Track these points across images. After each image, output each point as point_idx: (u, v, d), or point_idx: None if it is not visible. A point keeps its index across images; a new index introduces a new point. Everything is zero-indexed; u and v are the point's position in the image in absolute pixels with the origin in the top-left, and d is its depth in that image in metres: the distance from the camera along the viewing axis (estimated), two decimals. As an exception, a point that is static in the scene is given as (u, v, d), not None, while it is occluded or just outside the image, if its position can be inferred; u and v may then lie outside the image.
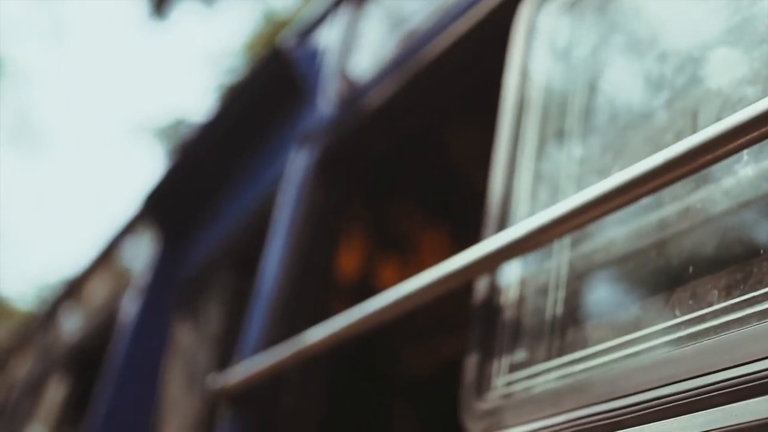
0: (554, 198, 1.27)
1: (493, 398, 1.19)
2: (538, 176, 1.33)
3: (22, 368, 5.19)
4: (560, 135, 1.32)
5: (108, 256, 4.11)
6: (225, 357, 2.59)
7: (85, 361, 3.86)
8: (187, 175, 2.93)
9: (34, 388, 4.40)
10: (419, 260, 3.12)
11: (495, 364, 1.22)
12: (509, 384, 1.18)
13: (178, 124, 13.47)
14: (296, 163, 2.18)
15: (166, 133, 13.98)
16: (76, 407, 3.83)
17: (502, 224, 1.33)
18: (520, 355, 1.19)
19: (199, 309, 2.91)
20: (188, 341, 2.94)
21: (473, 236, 1.40)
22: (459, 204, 3.04)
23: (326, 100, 2.19)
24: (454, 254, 1.32)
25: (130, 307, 3.23)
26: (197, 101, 14.51)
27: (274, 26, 13.38)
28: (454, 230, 2.86)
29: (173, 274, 3.16)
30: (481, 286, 1.31)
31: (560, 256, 1.20)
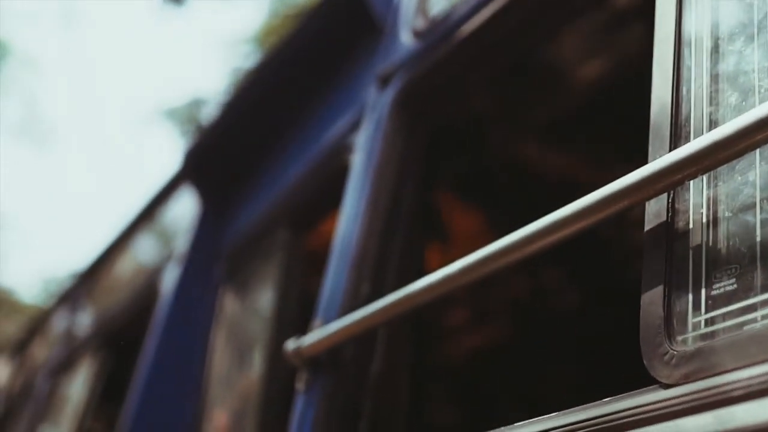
0: (749, 100, 1.04)
1: (691, 340, 0.96)
2: (718, 78, 1.10)
3: (42, 352, 4.99)
4: (746, 23, 1.09)
5: (133, 233, 3.89)
6: (283, 325, 2.38)
7: (117, 340, 3.64)
8: (235, 129, 2.70)
9: (59, 371, 4.19)
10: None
11: (689, 299, 0.99)
12: (713, 321, 0.95)
13: (193, 108, 13.28)
14: (374, 106, 1.95)
15: (180, 118, 13.79)
16: (109, 386, 3.63)
17: (676, 137, 1.11)
18: (726, 285, 0.96)
19: (251, 276, 2.68)
20: (238, 310, 2.72)
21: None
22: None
23: (406, 35, 1.96)
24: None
25: (169, 278, 3.01)
26: (213, 87, 14.32)
27: (291, 11, 13.20)
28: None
29: (216, 240, 2.94)
30: (654, 209, 1.08)
31: (769, 165, 0.97)
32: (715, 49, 1.13)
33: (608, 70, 2.90)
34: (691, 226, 1.04)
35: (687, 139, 1.10)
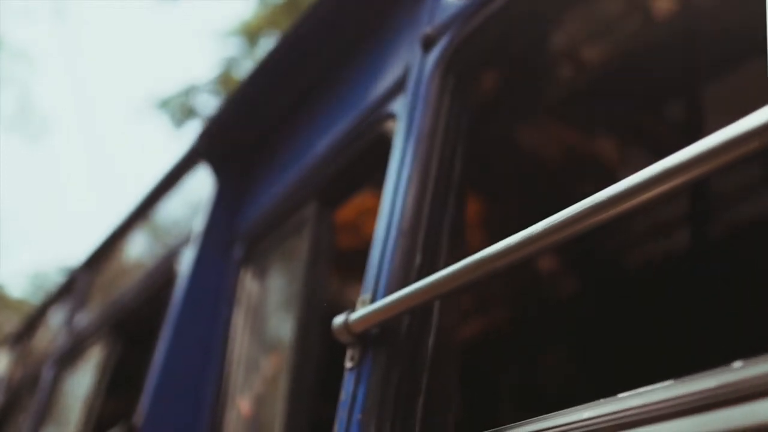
0: None
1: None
2: None
3: (44, 342, 4.88)
4: None
5: (143, 217, 3.77)
6: (312, 305, 2.27)
7: (128, 326, 3.52)
8: (256, 102, 2.57)
9: (66, 360, 4.07)
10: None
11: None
12: None
13: (185, 98, 13.16)
14: (418, 70, 1.84)
15: (173, 108, 13.65)
16: (119, 374, 3.52)
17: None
18: None
19: (274, 255, 2.57)
20: (261, 291, 2.61)
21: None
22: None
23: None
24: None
25: (185, 261, 2.90)
26: (205, 77, 14.19)
27: (281, 3, 13.09)
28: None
29: (235, 219, 2.83)
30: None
31: None
32: None
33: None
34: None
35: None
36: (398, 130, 1.83)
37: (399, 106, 1.91)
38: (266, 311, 2.58)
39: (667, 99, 2.75)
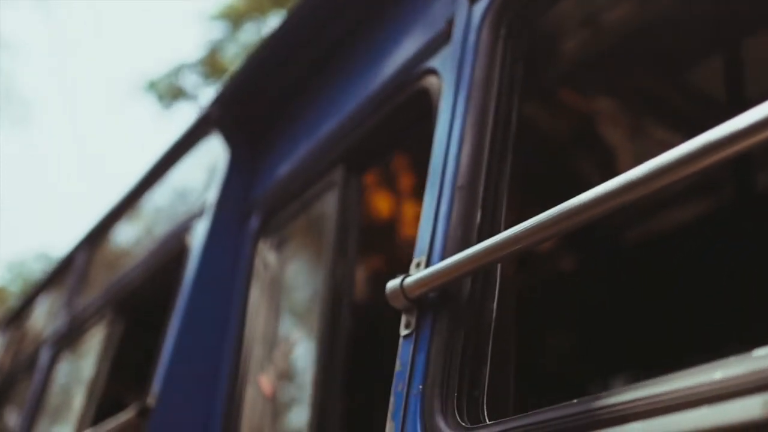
0: None
1: None
2: None
3: (39, 324, 4.74)
4: None
5: (148, 192, 3.64)
6: (342, 276, 2.15)
7: (133, 305, 3.39)
8: (273, 65, 2.44)
9: (65, 342, 3.93)
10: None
11: None
12: None
13: (173, 79, 12.98)
14: (465, 24, 1.72)
15: (161, 91, 13.47)
16: (122, 354, 3.40)
17: None
18: None
19: (296, 226, 2.45)
20: (281, 264, 2.49)
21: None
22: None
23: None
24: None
25: (198, 236, 2.77)
26: (189, 59, 14.01)
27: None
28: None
29: (250, 190, 2.71)
30: None
31: None
32: None
33: None
34: None
35: None
36: (445, 85, 1.71)
37: (441, 60, 1.79)
38: (287, 284, 2.46)
39: (708, 55, 2.64)
